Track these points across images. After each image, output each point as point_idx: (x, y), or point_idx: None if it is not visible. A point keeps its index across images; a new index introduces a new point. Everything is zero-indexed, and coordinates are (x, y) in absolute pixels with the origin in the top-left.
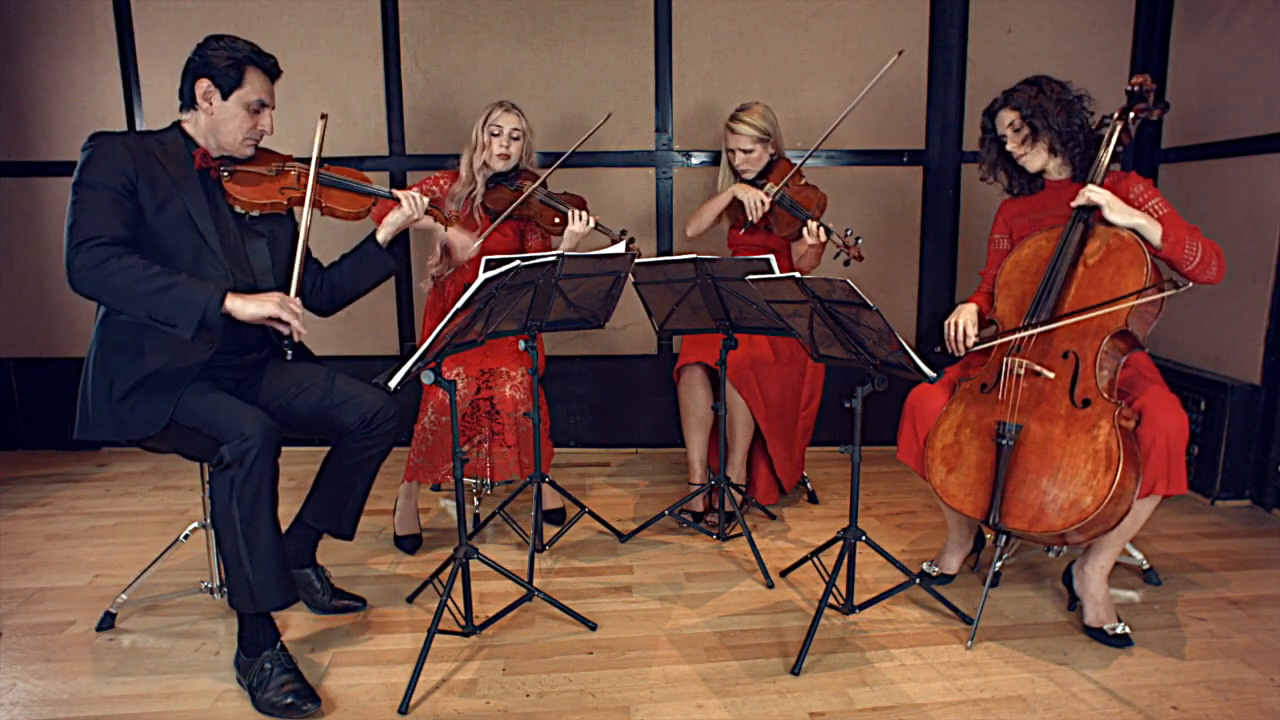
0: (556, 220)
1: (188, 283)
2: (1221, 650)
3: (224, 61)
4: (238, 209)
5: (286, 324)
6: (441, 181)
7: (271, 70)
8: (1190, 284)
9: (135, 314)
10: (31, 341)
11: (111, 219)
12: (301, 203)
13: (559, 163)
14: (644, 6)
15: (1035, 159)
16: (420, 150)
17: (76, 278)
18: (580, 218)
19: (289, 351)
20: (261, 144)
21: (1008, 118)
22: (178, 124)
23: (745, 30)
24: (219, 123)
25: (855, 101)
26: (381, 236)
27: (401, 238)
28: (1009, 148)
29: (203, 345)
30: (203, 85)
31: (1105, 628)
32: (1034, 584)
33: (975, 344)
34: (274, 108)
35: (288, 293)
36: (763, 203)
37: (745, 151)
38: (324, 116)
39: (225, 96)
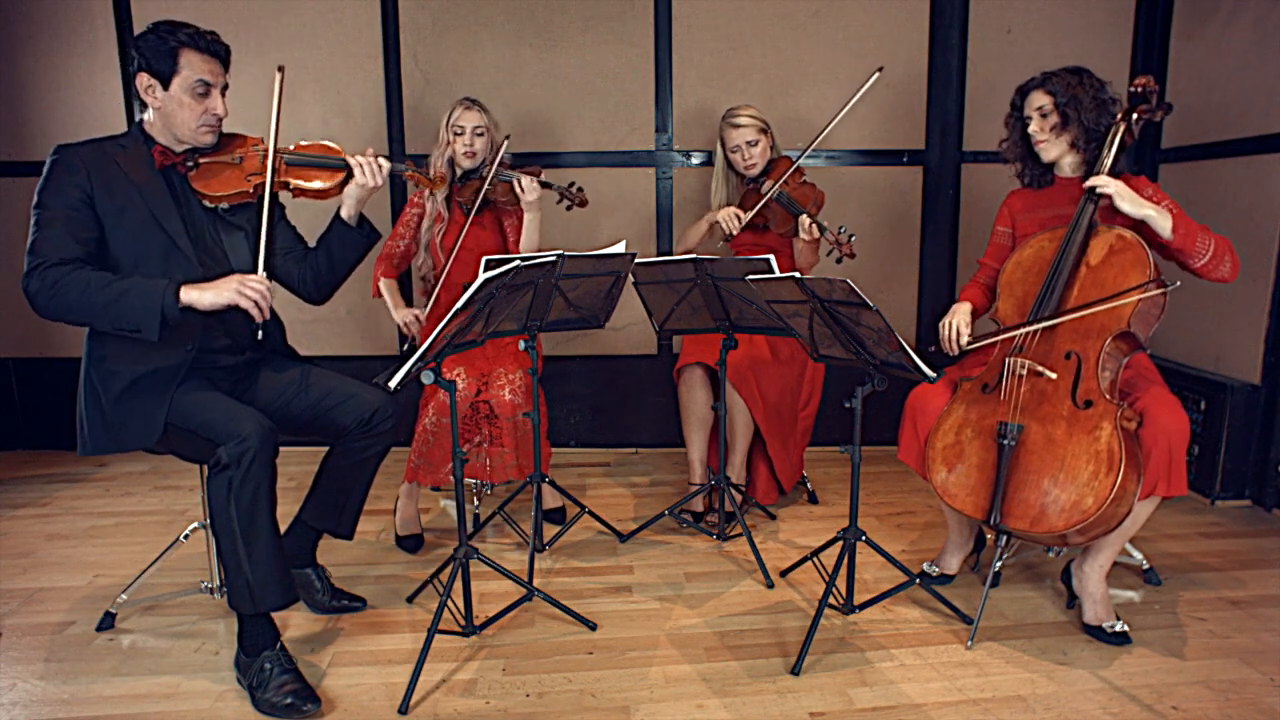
0: (515, 196)
1: (139, 284)
2: (1221, 650)
3: (157, 51)
4: (206, 204)
5: (249, 309)
6: (415, 199)
7: (210, 48)
8: (1177, 284)
9: (100, 326)
10: (31, 341)
11: (65, 240)
12: (272, 188)
13: (502, 151)
14: (644, 6)
15: (1053, 149)
16: (420, 150)
17: (35, 304)
18: (528, 186)
19: (259, 333)
20: (234, 130)
21: (1038, 100)
22: (140, 124)
23: (745, 30)
24: (168, 115)
25: (842, 111)
26: (345, 212)
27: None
28: (1031, 130)
29: (180, 345)
30: (143, 80)
31: (1104, 625)
32: (1034, 584)
33: (969, 343)
34: (223, 86)
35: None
36: (738, 217)
37: (750, 144)
38: (281, 69)
39: (166, 86)
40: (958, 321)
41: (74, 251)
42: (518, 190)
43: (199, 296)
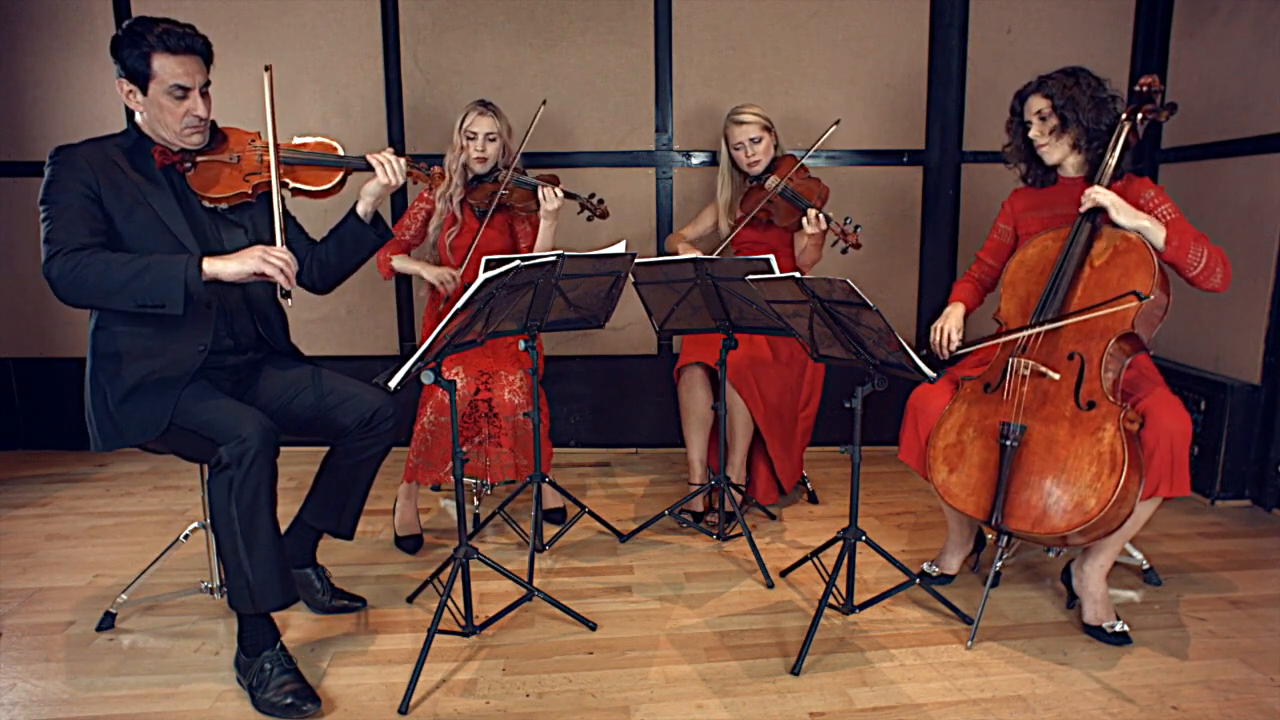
0: (533, 203)
1: (160, 260)
2: (1222, 650)
3: (131, 56)
4: (205, 204)
5: (275, 276)
6: (425, 195)
7: (183, 46)
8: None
9: (123, 305)
10: (31, 341)
11: (79, 228)
12: (268, 186)
13: (525, 140)
14: (644, 6)
15: (1056, 151)
16: (420, 150)
17: (57, 289)
18: (550, 195)
19: (288, 300)
20: (232, 124)
21: (1037, 104)
22: (134, 124)
23: (745, 30)
24: (152, 119)
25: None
26: (361, 209)
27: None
28: (1031, 134)
29: (193, 345)
30: (123, 86)
31: (1104, 625)
32: (1034, 584)
33: (959, 348)
34: (203, 85)
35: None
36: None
37: (754, 141)
38: (268, 68)
39: (145, 92)
40: (949, 326)
41: (89, 239)
42: (540, 198)
43: (223, 267)
